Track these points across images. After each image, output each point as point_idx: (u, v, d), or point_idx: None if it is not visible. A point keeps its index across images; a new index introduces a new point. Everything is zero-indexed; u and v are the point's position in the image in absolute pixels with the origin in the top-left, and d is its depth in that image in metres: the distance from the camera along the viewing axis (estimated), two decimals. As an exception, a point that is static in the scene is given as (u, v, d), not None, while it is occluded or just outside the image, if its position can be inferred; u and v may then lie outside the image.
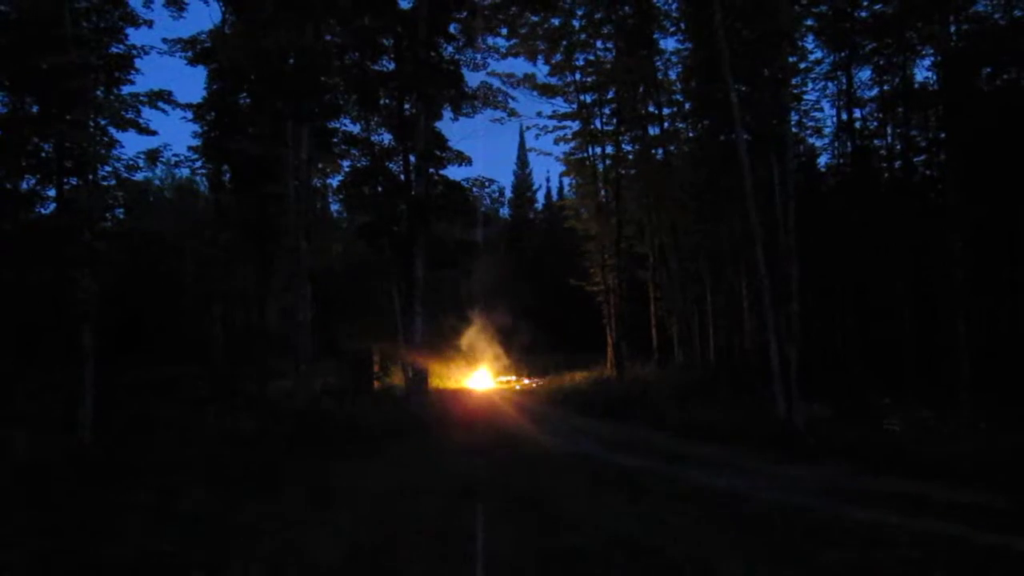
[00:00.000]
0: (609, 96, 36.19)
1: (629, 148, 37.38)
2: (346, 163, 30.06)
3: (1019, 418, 16.65)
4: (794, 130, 26.48)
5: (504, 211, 65.61)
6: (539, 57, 35.32)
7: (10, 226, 20.62)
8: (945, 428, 17.40)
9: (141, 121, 22.25)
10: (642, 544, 9.03)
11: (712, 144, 29.26)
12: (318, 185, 32.06)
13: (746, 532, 9.68)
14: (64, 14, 19.41)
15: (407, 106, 26.68)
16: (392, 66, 26.89)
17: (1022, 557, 8.51)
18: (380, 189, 27.21)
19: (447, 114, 27.74)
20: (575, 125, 37.84)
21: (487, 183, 28.63)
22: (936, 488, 12.27)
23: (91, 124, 20.78)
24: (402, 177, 26.94)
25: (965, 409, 19.55)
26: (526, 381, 41.35)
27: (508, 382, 41.84)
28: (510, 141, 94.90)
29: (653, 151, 35.14)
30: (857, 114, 31.57)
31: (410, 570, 8.05)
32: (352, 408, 22.80)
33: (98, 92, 21.32)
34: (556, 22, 34.22)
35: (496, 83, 30.30)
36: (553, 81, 36.25)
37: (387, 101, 27.47)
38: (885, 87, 29.47)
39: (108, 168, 21.18)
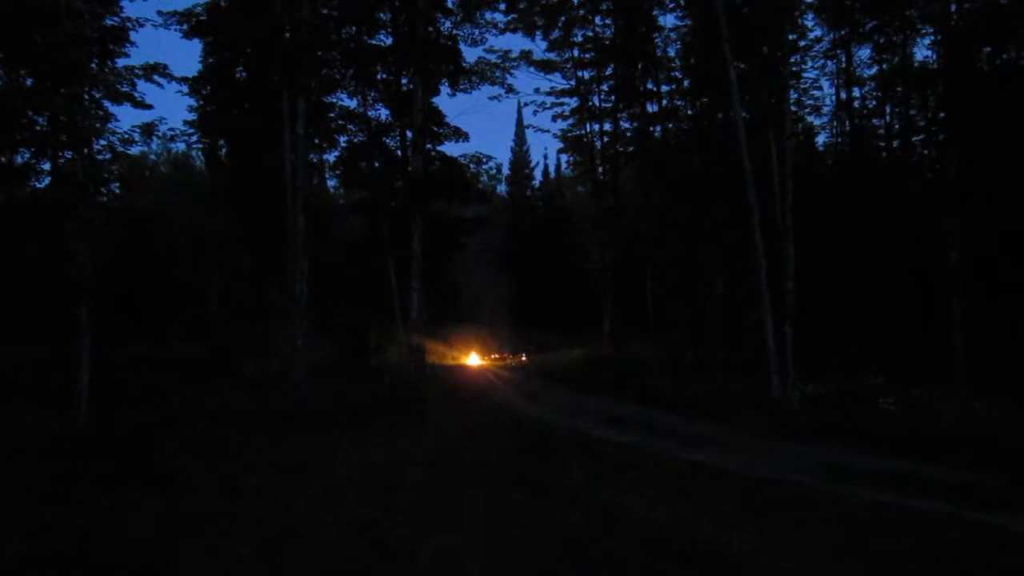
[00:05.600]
0: (608, 73, 36.00)
1: (627, 125, 37.24)
2: (343, 138, 29.97)
3: (1014, 397, 16.72)
4: (793, 109, 26.38)
5: (501, 188, 65.33)
6: (537, 33, 35.08)
7: (5, 199, 20.53)
8: (940, 407, 17.48)
9: (136, 94, 22.19)
10: (634, 520, 9.09)
11: (711, 122, 29.14)
12: (315, 160, 31.95)
13: (738, 508, 9.73)
14: (58, -15, 19.21)
15: (404, 81, 26.52)
16: (389, 40, 26.73)
17: (1011, 535, 8.58)
18: (377, 165, 27.12)
19: (444, 89, 27.64)
20: (573, 102, 37.70)
21: (484, 159, 28.64)
22: (930, 467, 12.35)
23: (86, 97, 20.63)
24: (399, 153, 26.83)
25: (960, 389, 19.62)
26: (523, 358, 41.46)
27: (505, 358, 41.96)
28: (508, 118, 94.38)
29: (651, 128, 34.99)
30: (856, 93, 31.50)
31: (400, 545, 8.09)
32: (348, 384, 22.84)
33: (93, 65, 21.15)
34: (555, -4, 33.95)
35: (494, 59, 30.13)
36: (551, 57, 36.06)
37: (384, 76, 27.32)
38: (884, 66, 29.34)
39: (103, 142, 21.07)
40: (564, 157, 52.06)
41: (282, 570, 7.41)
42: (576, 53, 35.95)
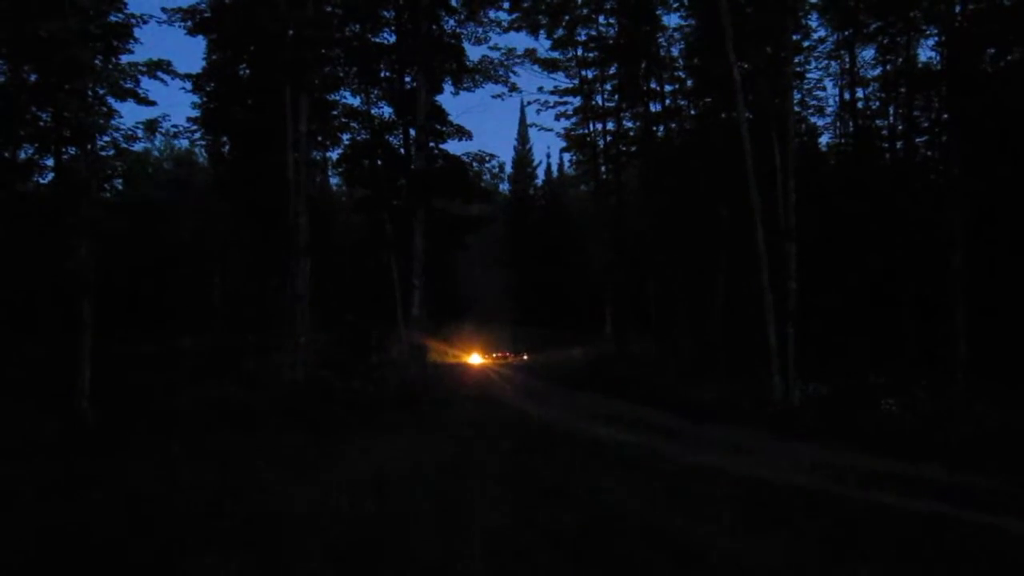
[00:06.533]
0: (611, 72, 35.96)
1: (630, 125, 37.21)
2: (346, 136, 29.99)
3: (1015, 399, 16.70)
4: (796, 109, 26.35)
5: (504, 186, 65.39)
6: (541, 31, 35.03)
7: (7, 195, 20.53)
8: (942, 408, 17.44)
9: (140, 91, 22.06)
10: (634, 520, 9.09)
11: (714, 122, 29.12)
12: (318, 158, 31.97)
13: (738, 509, 9.73)
14: (63, -18, 19.20)
15: (408, 79, 26.53)
16: (393, 38, 26.72)
17: (1010, 536, 8.58)
18: (380, 163, 27.13)
19: (448, 88, 27.66)
20: (576, 101, 37.64)
21: (487, 158, 28.58)
22: (930, 467, 12.35)
23: (90, 93, 20.62)
24: (402, 151, 26.83)
25: (962, 389, 19.59)
26: (525, 356, 41.46)
27: (507, 357, 41.96)
28: (511, 116, 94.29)
29: (655, 128, 34.95)
30: (860, 94, 31.47)
31: (398, 544, 8.10)
32: (350, 382, 22.83)
33: (97, 61, 21.14)
34: (559, -5, 33.86)
35: (498, 57, 30.09)
36: (555, 56, 36.01)
37: (387, 74, 27.34)
38: (888, 67, 29.31)
39: (106, 138, 21.08)
40: (567, 156, 52.25)
41: (282, 569, 7.42)
42: (580, 52, 35.91)
